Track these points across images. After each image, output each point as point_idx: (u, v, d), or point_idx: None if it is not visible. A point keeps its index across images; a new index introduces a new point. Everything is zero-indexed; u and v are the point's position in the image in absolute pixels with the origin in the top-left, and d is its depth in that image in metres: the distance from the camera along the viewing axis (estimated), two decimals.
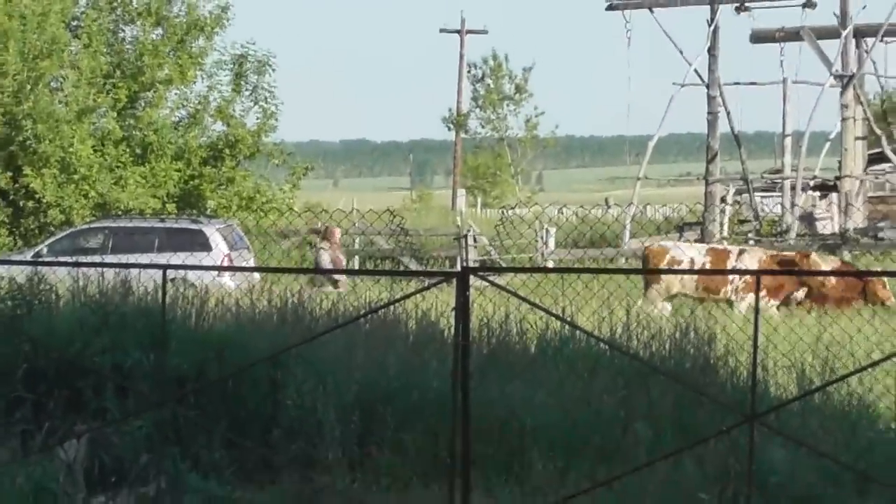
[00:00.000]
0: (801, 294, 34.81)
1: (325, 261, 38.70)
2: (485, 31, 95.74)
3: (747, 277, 36.27)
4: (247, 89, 53.92)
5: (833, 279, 36.31)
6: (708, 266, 39.23)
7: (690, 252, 41.77)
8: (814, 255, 42.13)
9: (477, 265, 30.14)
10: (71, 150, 44.33)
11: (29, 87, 44.80)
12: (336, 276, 32.96)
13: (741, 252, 42.05)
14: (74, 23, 47.66)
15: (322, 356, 18.30)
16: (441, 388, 16.23)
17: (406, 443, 16.20)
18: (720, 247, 43.72)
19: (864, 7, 63.18)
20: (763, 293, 34.29)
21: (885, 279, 35.07)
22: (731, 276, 37.86)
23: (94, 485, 15.94)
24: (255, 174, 58.36)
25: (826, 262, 39.95)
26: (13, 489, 15.68)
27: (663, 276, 38.50)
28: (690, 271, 37.27)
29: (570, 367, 19.16)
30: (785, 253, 44.79)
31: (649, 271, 40.53)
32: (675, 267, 39.27)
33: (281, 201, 58.87)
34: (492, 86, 78.15)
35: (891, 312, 25.38)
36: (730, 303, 33.03)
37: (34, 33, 45.94)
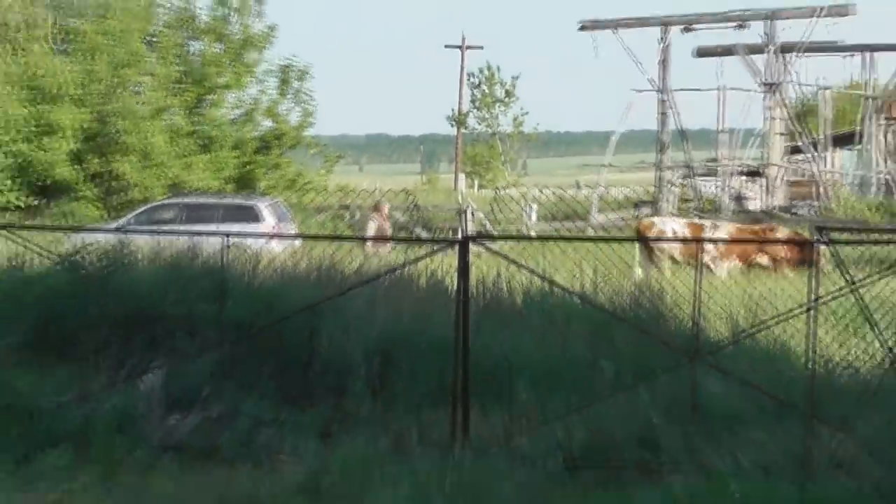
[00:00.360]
0: (765, 260, 34.75)
1: (372, 228, 38.67)
2: (481, 47, 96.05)
3: (722, 247, 36.63)
4: (290, 93, 54.22)
5: (786, 248, 35.94)
6: (675, 229, 39.62)
7: (674, 225, 41.73)
8: (778, 229, 41.94)
9: (475, 235, 29.90)
10: (149, 141, 44.60)
11: (115, 90, 45.07)
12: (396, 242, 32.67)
13: (715, 225, 41.74)
14: (151, 39, 47.71)
15: (350, 307, 18.59)
16: (446, 333, 16.41)
17: (418, 376, 16.54)
18: (698, 221, 43.32)
19: (783, 29, 64.25)
20: (735, 259, 35.66)
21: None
22: (707, 245, 36.57)
23: (168, 409, 16.37)
24: (296, 161, 58.95)
25: (782, 233, 39.72)
26: (105, 413, 16.05)
27: (650, 228, 39.47)
28: (662, 240, 37.08)
29: (548, 317, 19.36)
30: (752, 227, 44.17)
31: (614, 239, 39.12)
32: (657, 231, 38.96)
33: (317, 183, 59.07)
34: (486, 91, 78.60)
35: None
36: (709, 268, 33.06)
37: (119, 47, 46.08)
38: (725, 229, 40.30)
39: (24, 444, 14.42)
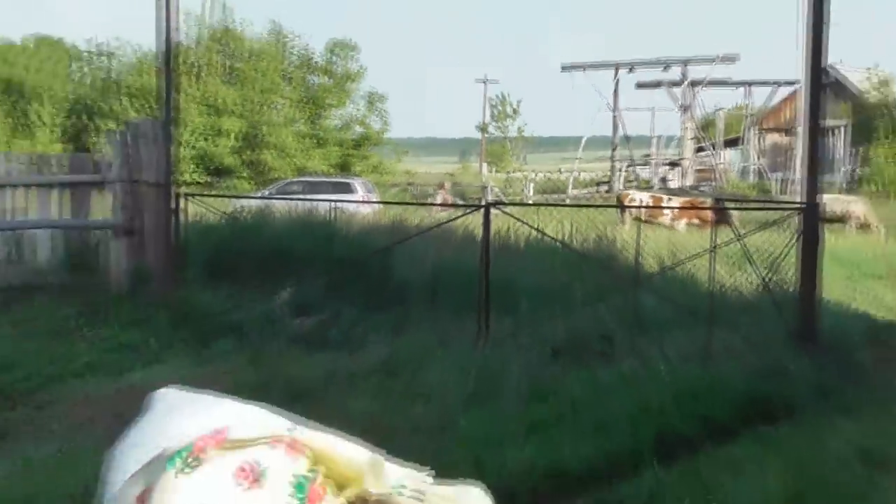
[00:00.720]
0: (697, 220, 35.05)
1: (439, 198, 38.99)
2: (496, 81, 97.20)
3: (676, 211, 36.52)
4: (375, 110, 54.46)
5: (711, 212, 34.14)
6: (643, 199, 39.64)
7: (643, 196, 41.63)
8: (707, 202, 39.67)
9: (493, 202, 29.51)
10: (283, 140, 45.62)
11: (262, 107, 45.76)
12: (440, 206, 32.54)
13: (669, 198, 41.79)
14: (285, 73, 48.01)
15: (411, 250, 18.72)
16: (474, 266, 16.39)
17: (456, 293, 16.58)
18: (658, 194, 42.70)
19: (685, 65, 65.15)
20: (685, 219, 35.20)
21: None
22: (665, 210, 37.13)
23: (295, 314, 16.45)
24: (377, 154, 57.57)
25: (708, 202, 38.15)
26: (255, 317, 16.02)
27: (628, 199, 38.98)
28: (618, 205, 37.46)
29: (540, 256, 19.50)
30: (693, 200, 42.12)
31: (598, 206, 37.26)
32: (634, 203, 38.06)
33: (391, 168, 59.00)
34: (500, 110, 79.37)
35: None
36: (671, 227, 33.19)
37: (265, 79, 46.57)
38: (677, 201, 39.67)
39: (202, 336, 14.62)
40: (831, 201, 36.43)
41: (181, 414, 1.65)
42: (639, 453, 9.83)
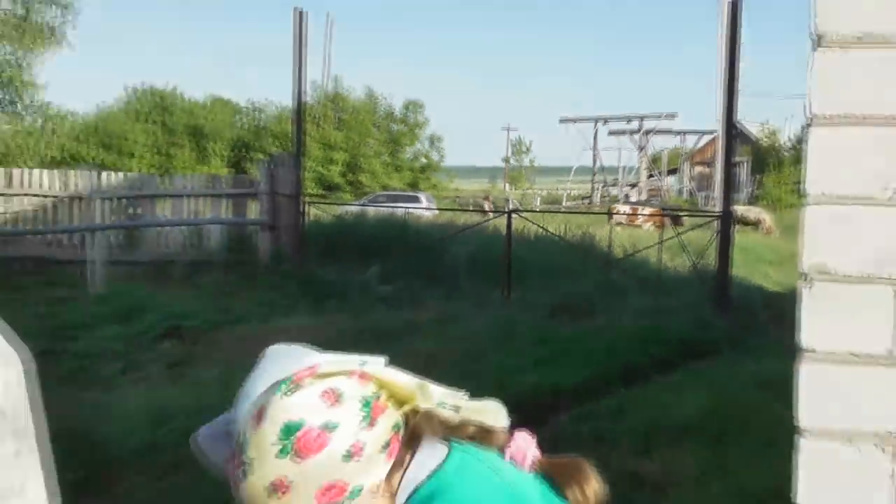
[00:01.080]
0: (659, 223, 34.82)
1: (486, 206, 38.74)
2: (516, 129, 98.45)
3: (646, 215, 35.53)
4: (434, 147, 53.91)
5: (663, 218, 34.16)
6: (626, 211, 37.41)
7: (625, 208, 39.78)
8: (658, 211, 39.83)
9: (513, 209, 29.19)
10: (373, 167, 45.40)
11: (359, 144, 45.40)
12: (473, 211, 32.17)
13: (643, 206, 40.52)
14: (374, 122, 47.53)
15: (458, 241, 18.62)
16: (500, 251, 16.51)
17: (488, 271, 16.52)
18: (636, 206, 40.99)
19: (642, 119, 64.87)
20: (650, 222, 33.71)
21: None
22: (639, 214, 36.32)
23: (380, 283, 16.33)
24: (436, 176, 55.50)
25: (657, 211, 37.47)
26: (353, 284, 15.85)
27: (617, 210, 36.89)
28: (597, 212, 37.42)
29: (545, 246, 19.19)
30: (661, 209, 40.88)
31: (577, 212, 37.15)
32: (617, 212, 36.65)
33: (444, 186, 57.20)
34: (518, 148, 78.85)
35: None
36: (638, 227, 32.97)
37: (361, 126, 46.20)
38: (648, 210, 38.20)
39: (318, 297, 14.67)
40: (745, 211, 36.56)
41: (287, 358, 1.70)
42: (610, 379, 9.99)
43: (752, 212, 36.97)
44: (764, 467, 5.81)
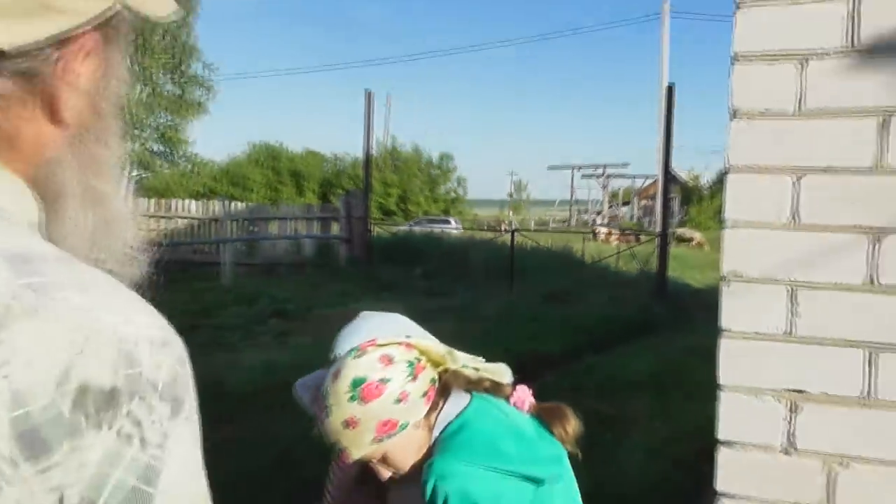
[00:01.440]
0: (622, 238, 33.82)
1: (503, 227, 38.05)
2: (517, 173, 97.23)
3: (611, 232, 34.15)
4: (461, 185, 52.77)
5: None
6: (605, 231, 34.99)
7: (602, 228, 37.74)
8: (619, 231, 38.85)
9: (515, 229, 28.51)
10: (418, 199, 44.47)
11: (408, 183, 44.21)
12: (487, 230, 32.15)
13: (612, 230, 37.17)
14: (419, 167, 46.72)
15: (478, 249, 18.53)
16: (506, 256, 16.44)
17: (498, 273, 16.36)
18: (609, 228, 37.37)
19: (605, 167, 63.47)
20: (616, 237, 32.32)
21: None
22: (607, 230, 35.07)
23: (422, 279, 16.20)
24: (461, 205, 53.12)
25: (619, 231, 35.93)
26: (403, 280, 15.75)
27: (598, 231, 35.10)
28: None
29: (538, 254, 18.64)
30: (621, 229, 38.96)
31: (562, 231, 36.27)
32: (598, 232, 34.81)
33: (467, 212, 55.14)
34: (518, 186, 76.91)
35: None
36: (609, 242, 31.96)
37: (409, 170, 45.49)
38: (613, 229, 36.74)
39: (379, 289, 14.51)
40: (682, 232, 36.03)
41: (356, 332, 1.74)
42: (583, 347, 9.87)
43: (688, 232, 36.54)
44: (693, 411, 5.75)
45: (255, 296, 12.89)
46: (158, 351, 0.71)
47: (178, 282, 14.47)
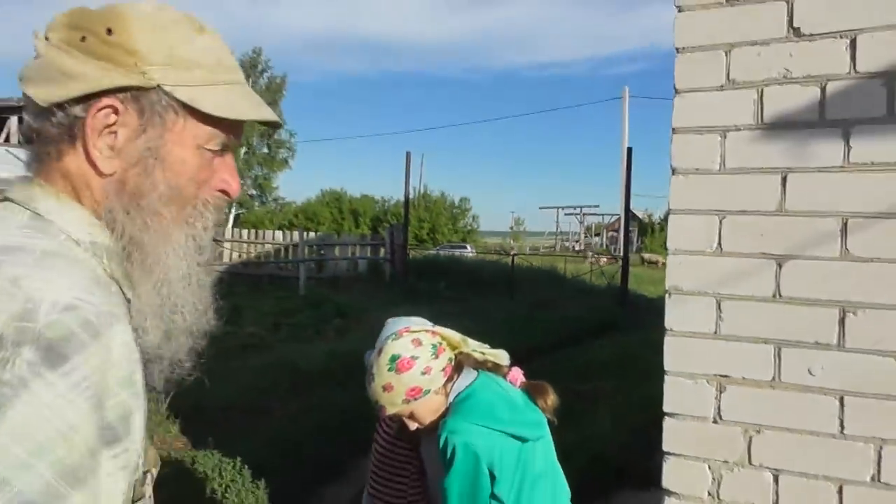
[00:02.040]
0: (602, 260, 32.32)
1: (513, 251, 37.50)
2: (516, 212, 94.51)
3: (598, 257, 31.43)
4: (475, 221, 51.80)
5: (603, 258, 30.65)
6: (595, 256, 31.43)
7: (592, 252, 36.02)
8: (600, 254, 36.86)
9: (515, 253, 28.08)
10: (444, 231, 44.15)
11: (436, 220, 43.69)
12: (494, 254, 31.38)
13: (594, 254, 35.63)
14: (445, 208, 46.78)
15: (486, 268, 18.21)
16: (507, 272, 16.28)
17: (501, 284, 16.24)
18: (596, 255, 33.76)
19: (582, 208, 61.67)
20: (607, 260, 31.38)
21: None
22: (596, 256, 32.33)
23: (445, 291, 15.87)
24: (475, 235, 51.09)
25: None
26: (431, 291, 15.42)
27: (590, 256, 32.07)
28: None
29: (532, 272, 18.20)
30: (608, 254, 37.09)
31: (554, 255, 34.62)
32: (588, 256, 31.84)
33: (479, 241, 53.10)
34: (517, 222, 74.74)
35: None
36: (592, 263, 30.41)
37: (437, 209, 45.12)
38: (604, 255, 34.69)
39: (414, 298, 14.15)
40: (649, 256, 33.87)
41: (396, 323, 1.75)
42: (563, 341, 9.69)
43: (653, 257, 35.01)
44: (646, 390, 5.67)
45: (322, 302, 12.80)
46: (58, 312, 0.63)
47: (266, 291, 14.55)
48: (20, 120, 16.95)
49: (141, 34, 0.75)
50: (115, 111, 0.75)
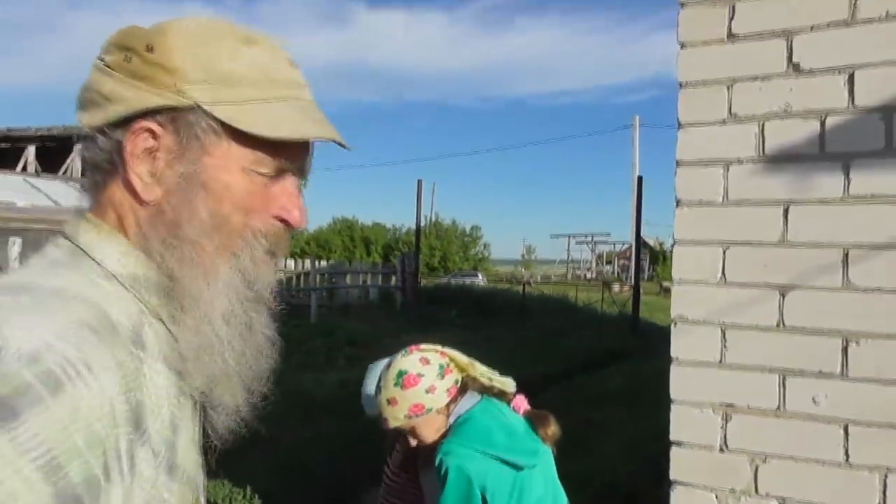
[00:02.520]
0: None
1: (526, 278, 36.87)
2: (526, 240, 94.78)
3: (623, 284, 30.94)
4: (486, 249, 50.60)
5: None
6: (619, 285, 29.61)
7: (615, 284, 35.66)
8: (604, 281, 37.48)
9: (526, 282, 28.07)
10: (455, 258, 43.73)
11: (448, 248, 43.21)
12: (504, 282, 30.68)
13: (607, 282, 36.43)
14: (456, 235, 46.18)
15: (498, 295, 18.13)
16: (519, 300, 16.17)
17: (513, 310, 16.16)
18: (619, 283, 33.37)
19: (594, 236, 60.84)
20: (626, 287, 30.95)
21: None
22: (620, 284, 32.29)
23: (457, 319, 15.80)
24: (486, 264, 49.94)
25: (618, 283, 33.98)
26: (443, 319, 15.47)
27: (612, 284, 32.36)
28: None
29: (543, 300, 18.13)
30: (608, 281, 38.29)
31: (567, 283, 34.50)
32: (612, 284, 33.52)
33: (491, 269, 51.13)
34: (528, 250, 72.84)
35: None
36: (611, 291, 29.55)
37: (449, 237, 44.85)
38: (626, 285, 35.46)
39: (424, 325, 14.06)
40: (668, 284, 33.88)
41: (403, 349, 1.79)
42: (575, 368, 9.61)
43: (670, 284, 34.65)
44: (657, 418, 5.64)
45: (334, 330, 12.79)
46: (17, 361, 0.55)
47: (278, 319, 14.63)
48: (38, 150, 17.09)
49: (180, 50, 0.69)
50: (153, 134, 0.69)
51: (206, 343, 0.70)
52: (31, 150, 16.93)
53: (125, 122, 0.69)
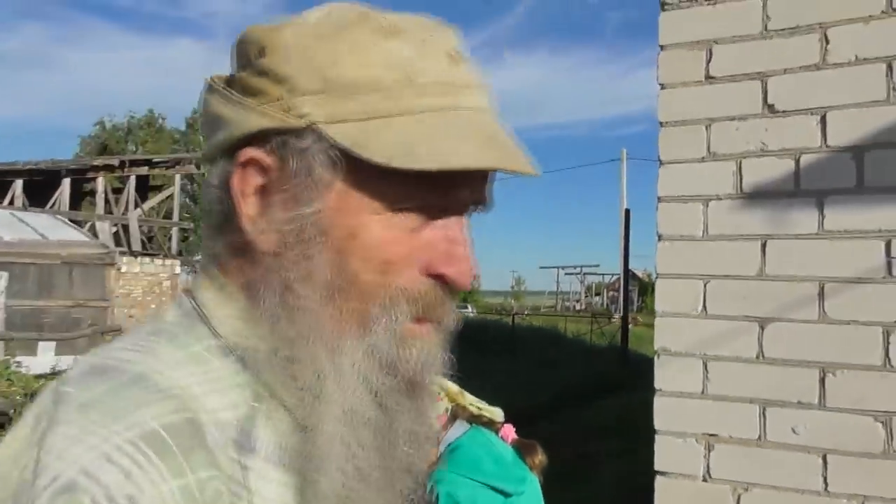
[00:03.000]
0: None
1: (516, 309, 36.38)
2: (516, 271, 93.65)
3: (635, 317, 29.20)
4: (476, 284, 51.24)
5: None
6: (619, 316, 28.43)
7: (599, 312, 35.47)
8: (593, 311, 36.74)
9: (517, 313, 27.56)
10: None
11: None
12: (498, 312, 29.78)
13: (595, 314, 36.94)
14: None
15: (489, 327, 17.95)
16: (509, 332, 16.09)
17: (504, 337, 16.06)
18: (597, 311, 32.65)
19: (583, 267, 60.56)
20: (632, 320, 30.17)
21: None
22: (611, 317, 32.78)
23: (458, 343, 15.84)
24: (478, 297, 51.69)
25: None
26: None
27: (614, 316, 33.29)
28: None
29: (533, 331, 18.05)
30: (595, 313, 38.21)
31: (558, 315, 33.95)
32: (613, 316, 33.52)
33: (482, 301, 53.22)
34: (517, 281, 71.75)
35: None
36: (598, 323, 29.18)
37: None
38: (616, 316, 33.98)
39: None
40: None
41: None
42: (566, 399, 9.58)
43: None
44: (646, 449, 5.64)
45: None
46: (49, 495, 0.42)
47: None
48: (25, 184, 16.22)
49: (294, 52, 0.50)
50: (262, 166, 0.52)
51: (308, 451, 0.51)
52: (18, 184, 16.75)
53: (233, 150, 0.53)
